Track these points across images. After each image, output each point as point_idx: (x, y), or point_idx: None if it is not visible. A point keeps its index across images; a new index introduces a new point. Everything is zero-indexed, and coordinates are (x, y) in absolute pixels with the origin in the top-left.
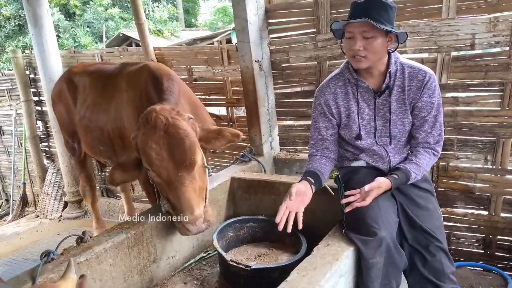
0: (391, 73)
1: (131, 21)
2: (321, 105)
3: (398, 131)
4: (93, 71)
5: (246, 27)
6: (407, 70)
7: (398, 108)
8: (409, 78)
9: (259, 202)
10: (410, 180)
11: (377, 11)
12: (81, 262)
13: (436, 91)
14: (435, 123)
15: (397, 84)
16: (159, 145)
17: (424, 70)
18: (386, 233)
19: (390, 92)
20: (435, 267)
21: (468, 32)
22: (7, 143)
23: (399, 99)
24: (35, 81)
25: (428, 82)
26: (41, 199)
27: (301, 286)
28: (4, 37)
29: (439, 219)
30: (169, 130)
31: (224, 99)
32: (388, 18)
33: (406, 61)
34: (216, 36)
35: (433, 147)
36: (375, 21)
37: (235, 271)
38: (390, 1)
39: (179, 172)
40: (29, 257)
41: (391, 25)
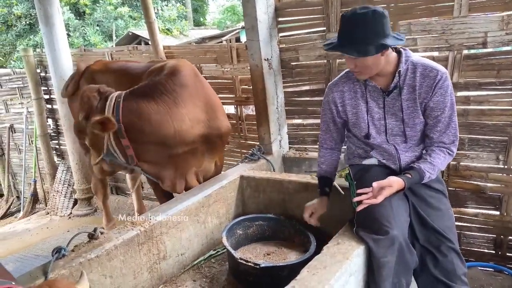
0: (401, 73)
1: (141, 20)
2: (328, 102)
3: (410, 130)
4: (118, 69)
5: (256, 25)
6: (419, 69)
7: (409, 108)
8: (420, 77)
9: (268, 200)
10: (424, 180)
11: (361, 37)
12: (91, 258)
13: (449, 90)
14: (449, 122)
15: (407, 83)
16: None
17: (437, 68)
18: (398, 232)
19: (400, 91)
20: (447, 268)
21: (480, 30)
22: (18, 141)
23: (410, 99)
24: (46, 80)
25: (440, 81)
26: (51, 196)
27: (311, 284)
28: (15, 36)
29: (451, 220)
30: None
31: (233, 98)
32: (375, 33)
33: (418, 59)
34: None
35: (448, 146)
36: (358, 52)
37: (244, 269)
38: (376, 10)
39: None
40: (40, 254)
41: (382, 37)
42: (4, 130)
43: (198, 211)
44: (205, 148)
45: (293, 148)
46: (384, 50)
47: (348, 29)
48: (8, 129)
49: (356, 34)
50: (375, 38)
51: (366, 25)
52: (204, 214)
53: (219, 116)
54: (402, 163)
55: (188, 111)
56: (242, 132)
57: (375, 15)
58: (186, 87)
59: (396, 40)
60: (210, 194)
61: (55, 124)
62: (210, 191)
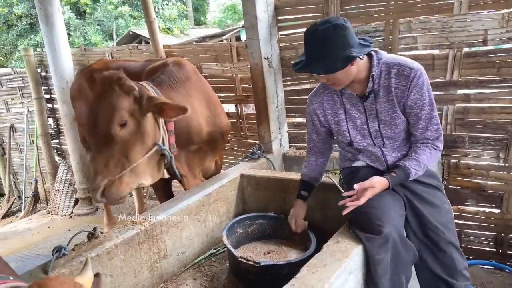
0: (374, 77)
1: (141, 19)
2: (310, 113)
3: (393, 131)
4: (117, 68)
5: (256, 24)
6: (393, 70)
7: (389, 109)
8: (395, 77)
9: (268, 199)
10: (411, 177)
11: (326, 54)
12: (92, 257)
13: (425, 86)
14: (430, 119)
15: (383, 85)
16: (88, 107)
17: (410, 66)
18: (391, 229)
19: (376, 95)
20: (446, 263)
21: (480, 27)
22: (19, 140)
23: (388, 101)
24: (46, 79)
25: (414, 78)
26: (52, 195)
27: (311, 283)
28: (16, 36)
29: (448, 214)
30: (99, 96)
31: (233, 96)
32: (339, 48)
33: (392, 59)
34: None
35: (432, 142)
36: (325, 70)
37: (244, 268)
38: (337, 24)
39: (95, 138)
40: (41, 253)
41: (346, 49)
42: (5, 130)
43: (199, 210)
44: (207, 146)
45: (294, 147)
46: (352, 62)
47: (311, 47)
48: (9, 128)
49: (320, 52)
50: (340, 53)
51: (329, 42)
52: (204, 213)
53: (220, 113)
54: (389, 163)
55: (199, 106)
56: (243, 131)
57: (336, 29)
58: (192, 81)
59: (362, 47)
60: (210, 193)
61: (56, 123)
62: (211, 189)
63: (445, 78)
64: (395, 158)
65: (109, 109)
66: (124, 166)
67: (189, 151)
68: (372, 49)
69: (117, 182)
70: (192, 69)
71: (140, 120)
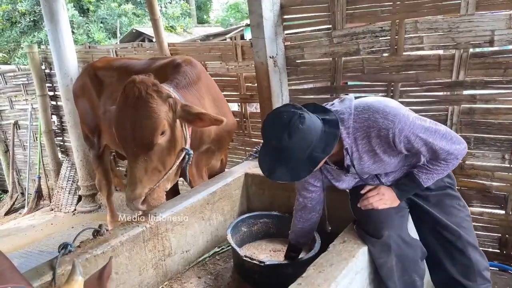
0: (348, 150)
1: (144, 17)
2: (301, 183)
3: (388, 169)
4: (120, 66)
5: (261, 22)
6: (367, 133)
7: (380, 166)
8: (375, 139)
9: (272, 198)
10: (422, 181)
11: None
12: (97, 255)
13: (411, 137)
14: (434, 151)
15: (364, 151)
16: (124, 115)
17: (385, 126)
18: (391, 232)
19: (356, 163)
20: (465, 265)
21: (487, 28)
22: (23, 137)
23: (376, 161)
24: (50, 76)
25: (394, 138)
26: (55, 192)
27: (318, 282)
28: (19, 33)
29: (460, 213)
30: (138, 103)
31: (237, 95)
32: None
33: (361, 122)
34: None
35: (441, 160)
36: (291, 177)
37: (249, 267)
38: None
39: (134, 147)
40: (45, 250)
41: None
42: (9, 127)
43: (203, 208)
44: (214, 146)
45: None
46: (318, 164)
47: (270, 151)
48: (12, 125)
49: (278, 158)
50: (301, 156)
51: (286, 150)
52: (209, 211)
53: (227, 112)
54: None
55: (209, 106)
56: (247, 130)
57: (292, 137)
58: (202, 81)
59: (327, 140)
60: (215, 191)
61: (60, 120)
62: (215, 188)
63: (451, 78)
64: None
65: (152, 118)
66: (161, 173)
67: (199, 152)
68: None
69: (157, 189)
70: (202, 69)
71: (173, 126)
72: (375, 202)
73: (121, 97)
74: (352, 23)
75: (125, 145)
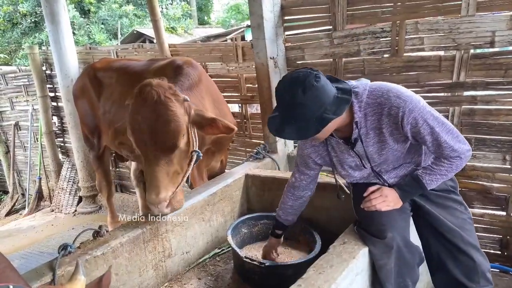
0: (358, 124)
1: (145, 18)
2: (303, 156)
3: (392, 159)
4: (120, 67)
5: (262, 23)
6: (378, 109)
7: (383, 150)
8: (385, 117)
9: (272, 199)
10: (425, 182)
11: (297, 120)
12: (97, 256)
13: (420, 120)
14: (438, 145)
15: (371, 127)
16: (144, 118)
17: (396, 105)
18: (394, 233)
19: (364, 139)
20: (468, 266)
21: (488, 29)
22: (23, 138)
23: (380, 141)
24: (51, 77)
25: (403, 118)
26: (56, 193)
27: (318, 283)
28: (20, 34)
29: (462, 215)
30: (157, 107)
31: (238, 96)
32: (311, 112)
33: (374, 98)
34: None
35: (449, 157)
36: (298, 136)
37: (249, 268)
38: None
39: (156, 151)
40: (45, 251)
41: (320, 112)
42: (10, 128)
43: (204, 209)
44: (215, 147)
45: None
46: (326, 124)
47: (282, 110)
48: (13, 126)
49: (291, 115)
50: (313, 115)
51: (299, 106)
52: (209, 212)
53: (227, 113)
54: (389, 182)
55: (209, 107)
56: (247, 131)
57: (306, 92)
58: (203, 82)
59: (340, 103)
60: (215, 192)
61: (60, 121)
62: (215, 189)
63: (452, 79)
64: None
65: (175, 121)
66: (180, 175)
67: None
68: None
69: (178, 192)
70: (202, 70)
71: (189, 129)
72: (378, 204)
73: (137, 101)
74: (353, 24)
75: (145, 149)
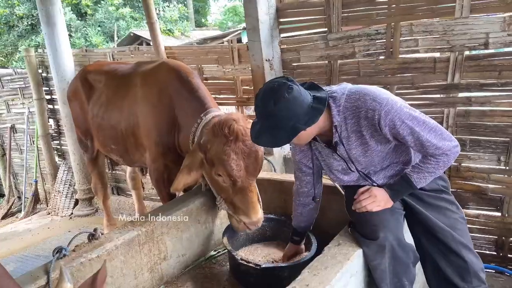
0: (337, 127)
1: (142, 20)
2: (296, 163)
3: (378, 161)
4: (108, 71)
5: (257, 26)
6: (356, 112)
7: (367, 151)
8: (363, 120)
9: (269, 201)
10: (414, 181)
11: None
12: (92, 258)
13: (397, 122)
14: (421, 143)
15: (352, 130)
16: (238, 155)
17: (372, 107)
18: (387, 234)
19: (345, 142)
20: (460, 266)
21: (482, 31)
22: (20, 141)
23: (362, 143)
24: (47, 80)
25: (380, 120)
26: (52, 196)
27: (312, 285)
28: (17, 36)
29: (454, 215)
30: (246, 141)
31: (234, 98)
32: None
33: (352, 101)
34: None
35: (434, 156)
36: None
37: (245, 270)
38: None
39: (249, 180)
40: (41, 254)
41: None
42: (6, 130)
43: (199, 211)
44: None
45: None
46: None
47: (258, 119)
48: (9, 129)
49: (266, 125)
50: (286, 124)
51: (271, 117)
52: (205, 214)
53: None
54: (378, 182)
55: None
56: None
57: (278, 103)
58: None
59: (313, 112)
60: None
61: (57, 124)
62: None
63: (446, 81)
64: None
65: (260, 151)
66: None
67: None
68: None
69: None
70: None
71: None
72: (368, 204)
73: (229, 140)
74: (348, 26)
75: (242, 180)
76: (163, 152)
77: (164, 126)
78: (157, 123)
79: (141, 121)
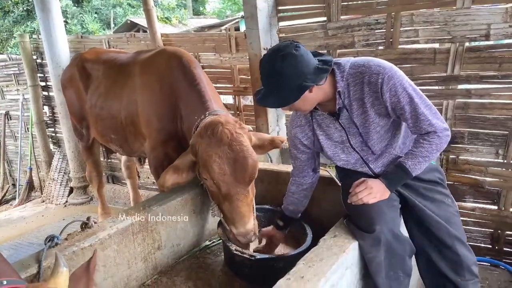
0: (341, 93)
1: (139, 8)
2: (291, 139)
3: (376, 139)
4: (107, 60)
5: (255, 14)
6: (360, 78)
7: (367, 121)
8: (366, 87)
9: (265, 191)
10: (409, 168)
11: (277, 87)
12: (85, 247)
13: (399, 87)
14: (416, 116)
15: (354, 98)
16: (222, 159)
17: (376, 72)
18: (382, 227)
19: (349, 109)
20: (453, 259)
21: (483, 22)
22: (14, 128)
23: (363, 112)
24: (42, 66)
25: (383, 85)
26: (47, 184)
27: (307, 277)
28: (12, 22)
29: (449, 208)
30: (233, 146)
31: (231, 87)
32: (290, 79)
33: (356, 68)
34: (224, 24)
35: (427, 135)
36: (278, 103)
37: (239, 261)
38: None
39: (237, 187)
40: (35, 242)
41: (299, 80)
42: (0, 117)
43: (195, 201)
44: None
45: None
46: (305, 91)
47: (264, 79)
48: (3, 116)
49: (272, 84)
50: (293, 83)
51: (278, 74)
52: (200, 204)
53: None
54: (376, 171)
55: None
56: None
57: (285, 60)
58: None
59: (319, 73)
60: None
61: (51, 111)
62: None
63: (446, 72)
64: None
65: (253, 156)
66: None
67: None
68: (330, 67)
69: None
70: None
71: None
72: (364, 197)
73: (211, 142)
74: (347, 15)
75: (227, 187)
76: (164, 140)
77: (165, 114)
78: (157, 110)
79: (141, 109)
